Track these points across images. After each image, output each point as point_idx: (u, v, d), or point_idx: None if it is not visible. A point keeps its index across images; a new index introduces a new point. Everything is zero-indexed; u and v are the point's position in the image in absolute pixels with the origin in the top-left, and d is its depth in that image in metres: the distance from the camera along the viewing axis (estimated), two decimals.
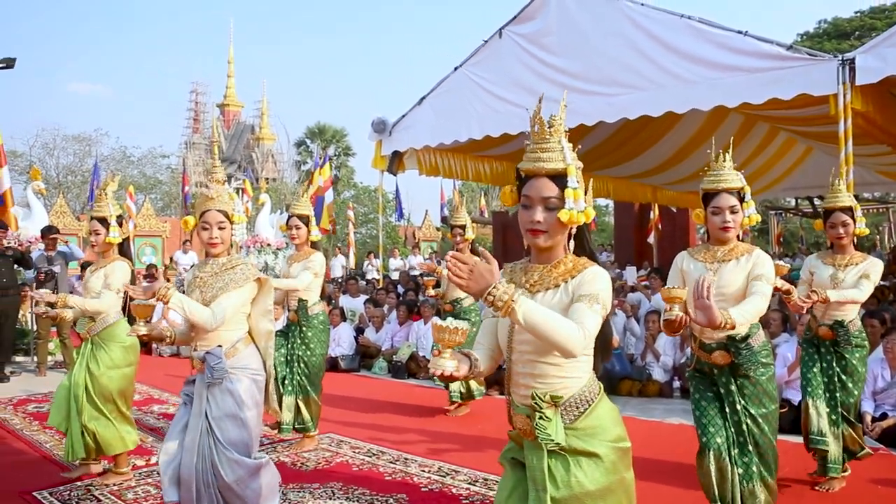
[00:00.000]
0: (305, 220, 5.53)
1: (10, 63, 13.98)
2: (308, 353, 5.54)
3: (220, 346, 3.25)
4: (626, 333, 8.48)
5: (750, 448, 3.39)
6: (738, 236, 3.52)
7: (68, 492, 4.54)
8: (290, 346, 5.57)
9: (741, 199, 3.47)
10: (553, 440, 2.08)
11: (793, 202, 23.78)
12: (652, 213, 16.65)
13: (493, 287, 1.91)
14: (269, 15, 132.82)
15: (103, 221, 4.65)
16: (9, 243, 9.28)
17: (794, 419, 5.41)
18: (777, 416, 3.52)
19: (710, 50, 8.06)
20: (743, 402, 3.43)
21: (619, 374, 7.80)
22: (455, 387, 6.63)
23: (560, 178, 2.14)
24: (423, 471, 4.94)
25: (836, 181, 4.44)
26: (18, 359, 10.16)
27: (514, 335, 2.19)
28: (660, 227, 16.82)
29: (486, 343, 2.34)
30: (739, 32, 7.90)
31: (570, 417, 2.15)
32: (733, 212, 3.43)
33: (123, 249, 4.83)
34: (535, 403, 2.12)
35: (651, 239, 16.74)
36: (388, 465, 5.11)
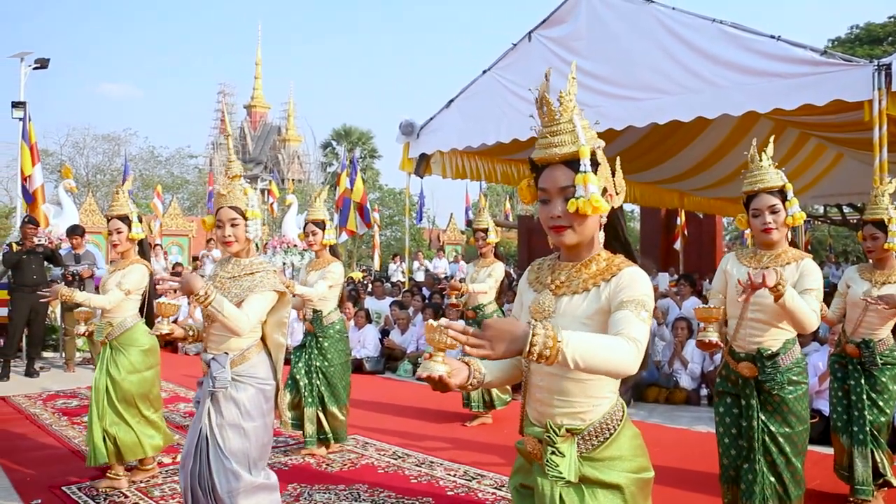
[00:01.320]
0: (321, 224, 5.48)
1: (43, 63, 14.23)
2: (326, 363, 5.45)
3: (226, 353, 3.13)
4: (655, 339, 8.41)
5: (757, 467, 3.21)
6: (787, 237, 3.34)
7: (96, 488, 4.57)
8: (307, 356, 5.48)
9: (784, 199, 3.26)
10: (564, 478, 1.87)
11: (821, 209, 23.49)
12: (678, 218, 16.54)
13: (532, 335, 1.57)
14: (297, 17, 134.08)
15: (124, 219, 4.65)
16: (40, 240, 9.40)
17: (823, 430, 5.33)
18: (806, 438, 3.31)
19: (742, 55, 7.95)
20: (763, 417, 3.27)
21: (646, 380, 7.71)
22: (475, 395, 6.35)
23: (577, 163, 1.88)
24: (449, 474, 4.92)
25: (877, 192, 4.20)
26: (47, 354, 10.33)
27: None
28: (686, 233, 16.71)
29: None
30: (772, 37, 7.78)
31: (588, 447, 1.92)
32: (773, 212, 3.24)
33: (143, 251, 4.84)
34: (549, 437, 1.90)
35: (677, 245, 16.64)
36: (414, 467, 5.09)
